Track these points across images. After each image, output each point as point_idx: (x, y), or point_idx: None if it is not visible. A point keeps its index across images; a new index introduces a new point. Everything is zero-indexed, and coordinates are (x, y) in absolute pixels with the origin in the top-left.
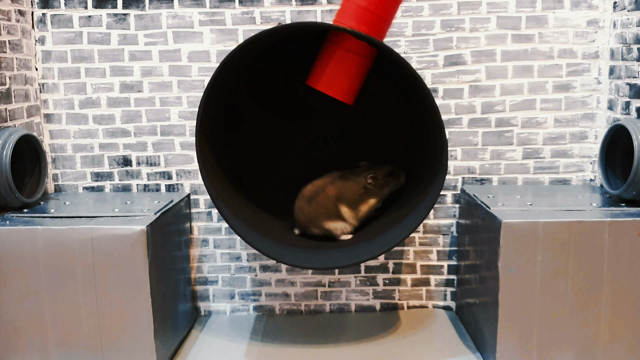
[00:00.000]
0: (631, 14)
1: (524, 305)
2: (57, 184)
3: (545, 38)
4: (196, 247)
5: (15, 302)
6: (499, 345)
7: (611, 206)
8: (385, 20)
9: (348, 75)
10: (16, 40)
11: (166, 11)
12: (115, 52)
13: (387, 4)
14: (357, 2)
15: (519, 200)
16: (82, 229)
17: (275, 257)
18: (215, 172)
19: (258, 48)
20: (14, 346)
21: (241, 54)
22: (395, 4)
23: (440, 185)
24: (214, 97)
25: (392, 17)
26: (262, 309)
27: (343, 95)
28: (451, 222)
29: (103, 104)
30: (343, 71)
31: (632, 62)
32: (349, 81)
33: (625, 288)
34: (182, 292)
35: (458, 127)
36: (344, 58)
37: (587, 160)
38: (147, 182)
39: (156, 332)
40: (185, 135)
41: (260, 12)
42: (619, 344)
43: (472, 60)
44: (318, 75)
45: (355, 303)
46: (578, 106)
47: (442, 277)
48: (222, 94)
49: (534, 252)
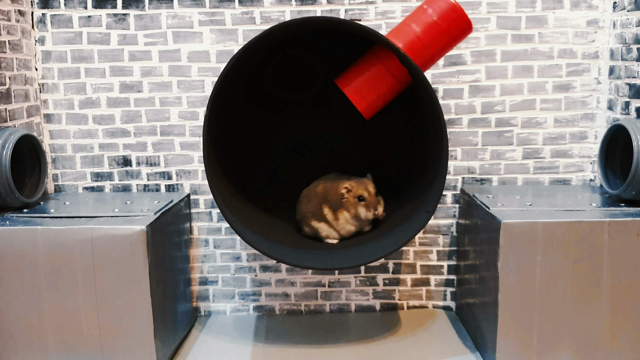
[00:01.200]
0: (631, 14)
1: (524, 305)
2: (57, 184)
3: (545, 38)
4: (196, 247)
5: (15, 302)
6: (499, 345)
7: (611, 206)
8: (431, 56)
9: (377, 92)
10: (16, 41)
11: (166, 11)
12: (115, 52)
13: (440, 42)
14: (414, 29)
15: (518, 200)
16: (82, 229)
17: (281, 260)
18: (219, 176)
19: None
20: (14, 346)
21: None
22: (447, 46)
23: (441, 186)
24: (220, 98)
25: (438, 57)
26: (262, 309)
27: (365, 108)
28: (451, 222)
29: (103, 104)
30: (374, 87)
31: (631, 62)
32: (376, 98)
33: (625, 288)
34: (182, 292)
35: (458, 127)
36: (380, 75)
37: (587, 160)
38: (147, 182)
39: (156, 332)
40: (185, 135)
41: (260, 12)
42: (619, 344)
43: (472, 60)
44: (349, 79)
45: (355, 303)
46: (578, 106)
47: (442, 277)
48: (228, 94)
49: (534, 253)
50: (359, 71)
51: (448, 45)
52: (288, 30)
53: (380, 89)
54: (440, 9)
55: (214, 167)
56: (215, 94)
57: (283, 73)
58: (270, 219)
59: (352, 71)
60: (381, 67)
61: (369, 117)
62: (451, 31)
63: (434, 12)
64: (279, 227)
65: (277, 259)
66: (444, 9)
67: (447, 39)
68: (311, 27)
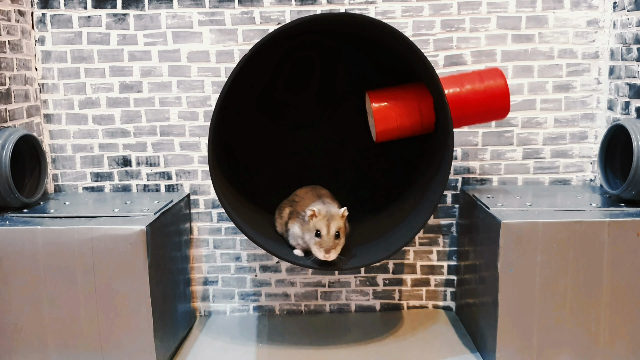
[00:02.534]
0: (631, 14)
1: (524, 306)
2: (57, 184)
3: (545, 38)
4: (196, 247)
5: (15, 302)
6: (498, 345)
7: (611, 206)
8: (462, 116)
9: (400, 123)
10: (16, 41)
11: (165, 11)
12: (115, 52)
13: (475, 108)
14: (462, 86)
15: (518, 200)
16: (82, 229)
17: (288, 260)
18: (221, 179)
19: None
20: (14, 346)
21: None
22: (477, 115)
23: (444, 181)
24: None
25: (467, 122)
26: (262, 309)
27: (381, 130)
28: (451, 222)
29: (103, 104)
30: (400, 116)
31: (631, 62)
32: (396, 127)
33: (624, 288)
34: (182, 292)
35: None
36: (411, 110)
37: (587, 160)
38: (147, 182)
39: (156, 332)
40: (185, 135)
41: (260, 12)
42: (619, 343)
43: (472, 60)
44: (381, 98)
45: (355, 303)
46: (578, 106)
47: (442, 278)
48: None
49: (534, 253)
50: (394, 96)
51: (479, 114)
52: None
53: (404, 122)
54: (493, 84)
55: (217, 170)
56: (225, 96)
57: (288, 74)
58: (271, 218)
59: (388, 93)
60: (415, 103)
61: (378, 141)
62: (491, 105)
63: (487, 82)
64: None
65: (285, 259)
66: (495, 85)
67: (483, 110)
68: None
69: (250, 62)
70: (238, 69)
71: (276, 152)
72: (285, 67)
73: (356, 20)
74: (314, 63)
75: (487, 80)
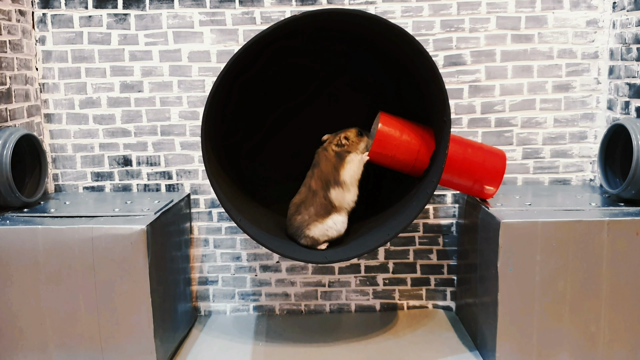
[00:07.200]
0: (630, 14)
1: (524, 305)
2: (57, 184)
3: (545, 38)
4: (196, 247)
5: (15, 301)
6: (498, 345)
7: (610, 206)
8: (450, 178)
9: (394, 153)
10: (16, 40)
11: (166, 11)
12: (116, 52)
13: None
14: (466, 144)
15: (518, 200)
16: (82, 228)
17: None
18: (220, 175)
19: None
20: (14, 346)
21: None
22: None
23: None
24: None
25: (451, 186)
26: (262, 309)
27: (376, 151)
28: (451, 222)
29: (103, 104)
30: (397, 147)
31: (631, 62)
32: (389, 155)
33: (624, 287)
34: (182, 292)
35: (458, 127)
36: (409, 147)
37: (586, 160)
38: (147, 182)
39: (156, 332)
40: (186, 135)
41: (261, 12)
42: (619, 343)
43: (472, 60)
44: (390, 124)
45: (355, 303)
46: (578, 106)
47: (442, 277)
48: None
49: (533, 252)
50: (401, 129)
51: (473, 176)
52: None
53: (399, 155)
54: (493, 161)
55: (214, 165)
56: (215, 91)
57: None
58: (272, 216)
59: (398, 123)
60: (417, 147)
61: (371, 160)
62: (483, 173)
63: (488, 158)
64: (280, 223)
65: (287, 256)
66: (495, 162)
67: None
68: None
69: (250, 62)
70: (230, 65)
71: (276, 148)
72: (286, 74)
73: (350, 17)
74: (318, 71)
75: (490, 158)
